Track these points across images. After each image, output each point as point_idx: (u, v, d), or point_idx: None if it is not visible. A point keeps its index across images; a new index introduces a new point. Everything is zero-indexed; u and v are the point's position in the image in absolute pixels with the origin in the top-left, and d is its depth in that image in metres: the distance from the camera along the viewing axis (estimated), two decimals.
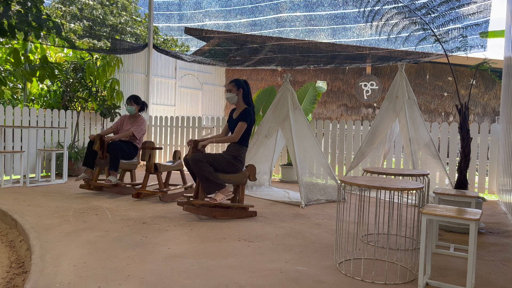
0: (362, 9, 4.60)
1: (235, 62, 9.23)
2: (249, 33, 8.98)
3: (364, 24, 7.31)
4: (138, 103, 5.39)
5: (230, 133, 4.26)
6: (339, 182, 3.53)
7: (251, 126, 4.09)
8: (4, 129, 6.13)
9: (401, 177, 3.78)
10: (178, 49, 16.97)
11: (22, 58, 6.52)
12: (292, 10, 8.11)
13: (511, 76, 4.93)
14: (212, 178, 3.81)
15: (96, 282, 2.27)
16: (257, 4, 8.34)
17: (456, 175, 4.19)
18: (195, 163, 3.79)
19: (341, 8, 7.51)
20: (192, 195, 4.08)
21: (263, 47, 8.85)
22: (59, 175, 6.73)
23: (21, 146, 6.41)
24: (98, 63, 7.59)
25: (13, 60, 6.37)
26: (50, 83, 7.82)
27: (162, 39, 16.91)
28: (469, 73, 9.83)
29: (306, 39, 8.39)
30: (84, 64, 7.48)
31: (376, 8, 4.46)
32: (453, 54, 4.44)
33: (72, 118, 7.26)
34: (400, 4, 4.32)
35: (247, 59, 8.91)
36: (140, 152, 5.52)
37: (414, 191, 4.33)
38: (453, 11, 4.32)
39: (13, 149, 6.28)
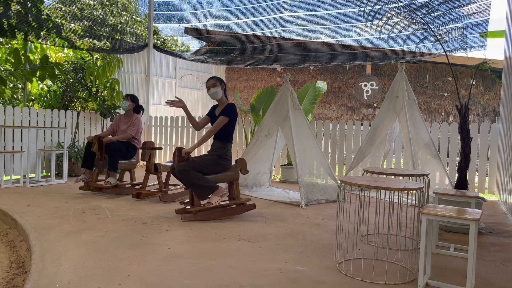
0: (362, 9, 4.60)
1: (236, 61, 9.22)
2: (250, 33, 8.97)
3: (365, 23, 7.31)
4: (134, 101, 5.40)
5: None
6: (339, 182, 3.53)
7: (233, 122, 4.05)
8: (4, 129, 6.13)
9: (401, 177, 3.78)
10: (178, 49, 16.97)
11: (22, 58, 6.52)
12: (294, 10, 8.12)
13: (511, 76, 4.92)
14: (202, 183, 3.78)
15: (96, 282, 2.27)
16: (258, 4, 8.34)
17: (456, 175, 4.18)
18: (182, 174, 3.74)
19: (342, 8, 7.52)
20: (188, 201, 4.08)
21: (264, 47, 8.84)
22: (59, 175, 6.73)
23: (21, 146, 6.41)
24: (98, 63, 7.59)
25: (13, 60, 6.37)
26: (51, 83, 7.82)
27: (162, 39, 16.91)
28: (469, 73, 9.82)
29: (307, 39, 8.39)
30: (84, 64, 7.48)
31: (377, 7, 4.46)
32: (453, 53, 4.44)
33: (72, 118, 7.26)
34: (400, 4, 4.32)
35: (248, 58, 8.90)
36: (139, 151, 5.52)
37: (414, 191, 4.33)
38: (453, 10, 4.32)
39: (13, 149, 6.28)
